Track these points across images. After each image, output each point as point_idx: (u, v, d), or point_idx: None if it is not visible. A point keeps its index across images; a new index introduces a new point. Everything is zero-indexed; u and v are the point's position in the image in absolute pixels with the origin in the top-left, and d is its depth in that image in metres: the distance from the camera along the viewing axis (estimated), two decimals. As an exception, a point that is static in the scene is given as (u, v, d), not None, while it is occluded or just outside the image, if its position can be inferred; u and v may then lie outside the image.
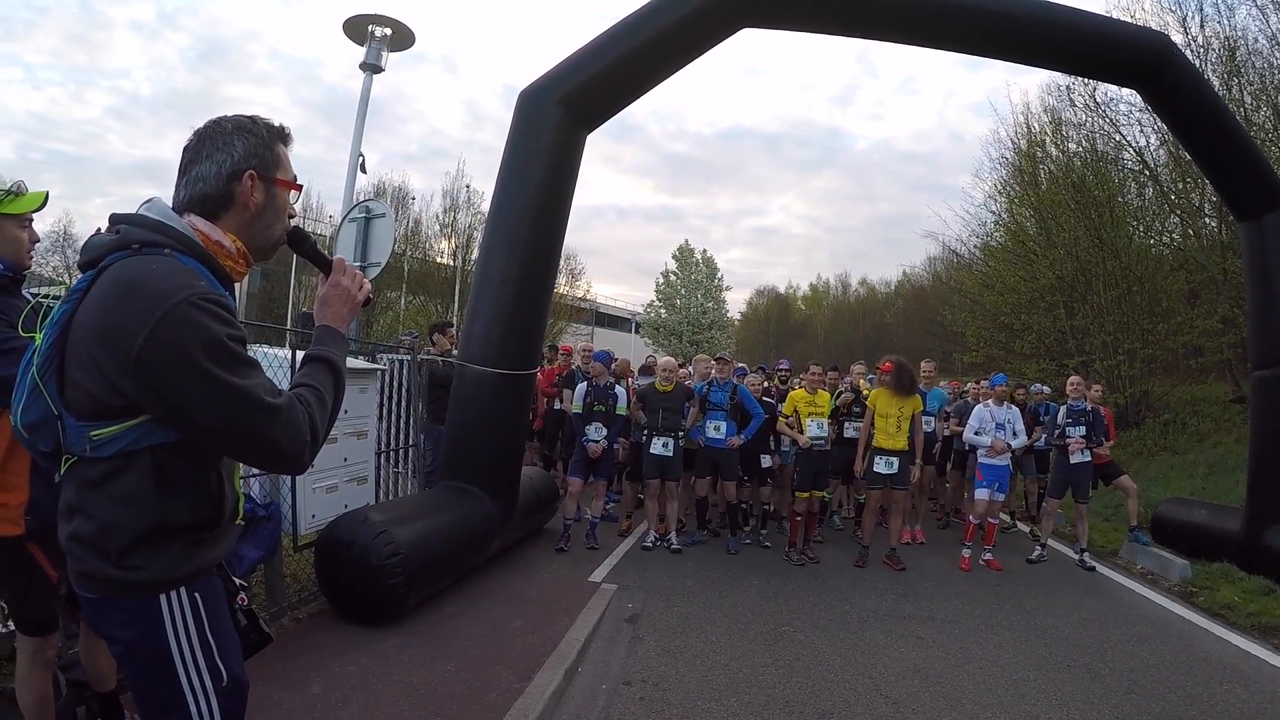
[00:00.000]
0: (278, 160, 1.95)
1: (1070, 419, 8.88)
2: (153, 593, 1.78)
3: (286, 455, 1.77)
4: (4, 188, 2.95)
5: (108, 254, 1.78)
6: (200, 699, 1.83)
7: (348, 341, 2.10)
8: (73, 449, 1.76)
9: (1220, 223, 17.30)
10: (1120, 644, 6.19)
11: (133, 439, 1.72)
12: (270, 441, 1.73)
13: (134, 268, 1.72)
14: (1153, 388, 18.34)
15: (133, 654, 1.83)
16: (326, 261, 2.09)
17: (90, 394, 1.71)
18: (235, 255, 1.90)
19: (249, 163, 1.88)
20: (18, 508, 2.83)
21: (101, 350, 1.67)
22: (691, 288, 49.69)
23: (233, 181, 1.87)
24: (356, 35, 14.34)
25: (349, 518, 5.62)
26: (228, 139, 1.88)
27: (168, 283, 1.68)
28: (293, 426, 1.75)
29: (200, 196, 1.87)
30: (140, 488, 1.74)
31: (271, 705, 4.05)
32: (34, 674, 3.04)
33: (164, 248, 1.77)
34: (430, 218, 34.45)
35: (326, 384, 1.93)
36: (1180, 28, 17.31)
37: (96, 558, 1.75)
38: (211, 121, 1.92)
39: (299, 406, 1.79)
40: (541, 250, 7.44)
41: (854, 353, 47.64)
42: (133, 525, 1.74)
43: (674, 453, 8.54)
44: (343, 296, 2.07)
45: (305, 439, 1.78)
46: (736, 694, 4.90)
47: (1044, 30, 7.63)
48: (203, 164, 1.87)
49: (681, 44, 7.40)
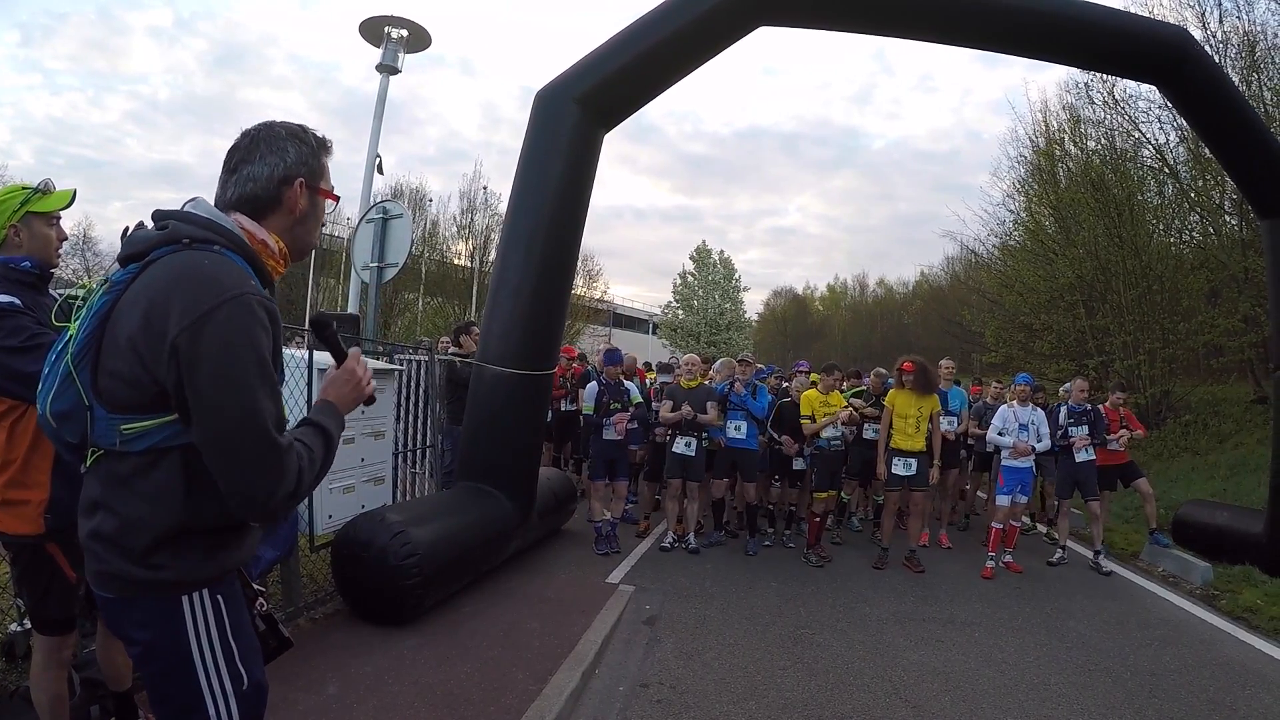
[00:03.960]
0: (323, 170, 2.03)
1: (1072, 419, 8.92)
2: (175, 593, 1.79)
3: (262, 492, 1.72)
4: (32, 186, 2.98)
5: (155, 248, 1.81)
6: (220, 701, 1.83)
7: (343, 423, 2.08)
8: (100, 442, 1.77)
9: (1241, 220, 17.12)
10: (1141, 647, 6.13)
11: (165, 436, 1.74)
12: (256, 471, 1.70)
13: (187, 260, 1.76)
14: (1173, 388, 18.15)
15: (153, 655, 1.83)
16: (343, 352, 2.12)
17: (125, 381, 1.73)
18: (277, 255, 1.96)
19: (299, 169, 1.95)
20: (38, 506, 2.83)
21: (144, 334, 1.70)
22: (709, 289, 49.70)
23: (283, 185, 1.93)
24: (373, 37, 14.41)
25: (366, 518, 5.63)
26: (281, 144, 1.94)
27: (224, 277, 1.72)
28: (284, 469, 1.72)
29: (250, 197, 1.91)
30: (169, 486, 1.75)
31: (288, 706, 4.05)
32: (49, 672, 3.05)
33: (214, 244, 1.81)
34: (448, 219, 34.68)
35: (319, 447, 1.90)
36: (1199, 23, 17.14)
37: (119, 556, 1.75)
38: (264, 124, 1.97)
39: (294, 455, 1.76)
40: (559, 250, 7.43)
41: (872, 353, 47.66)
42: (159, 523, 1.74)
43: (696, 453, 8.52)
44: (351, 381, 2.08)
45: (289, 487, 1.74)
46: (754, 697, 4.88)
47: (1062, 25, 7.56)
48: (255, 164, 1.91)
49: (698, 43, 7.37)
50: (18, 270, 2.89)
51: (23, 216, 2.92)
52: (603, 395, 8.66)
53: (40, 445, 2.81)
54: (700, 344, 45.27)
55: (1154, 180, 19.63)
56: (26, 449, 2.82)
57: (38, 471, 2.84)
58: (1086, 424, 8.86)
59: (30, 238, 2.95)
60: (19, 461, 2.82)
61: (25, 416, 2.79)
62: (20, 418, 2.80)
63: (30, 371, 2.45)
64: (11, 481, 2.82)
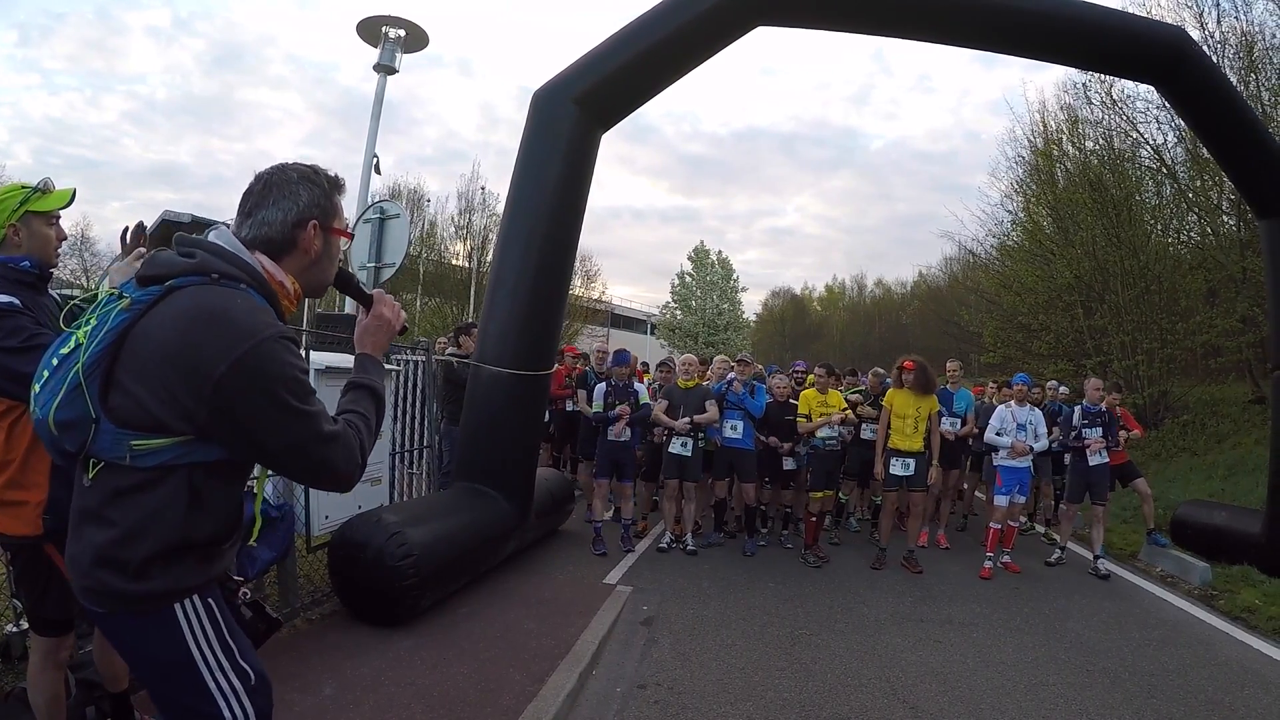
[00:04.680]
0: (335, 210, 2.07)
1: (1086, 420, 8.76)
2: (166, 603, 1.81)
3: (340, 477, 1.90)
4: (32, 185, 2.97)
5: (180, 276, 1.84)
6: (233, 701, 1.87)
7: (384, 368, 2.25)
8: (104, 454, 1.78)
9: (1239, 220, 17.14)
10: (1140, 648, 6.12)
11: (174, 455, 1.77)
12: (330, 465, 1.86)
13: (217, 298, 1.80)
14: (1171, 388, 18.17)
15: (156, 669, 1.86)
16: (368, 297, 2.24)
17: (147, 409, 1.74)
18: (292, 295, 2.01)
19: (312, 212, 1.99)
20: (37, 507, 2.83)
21: (175, 372, 1.73)
22: (707, 289, 49.69)
23: (297, 228, 1.98)
24: (370, 37, 14.39)
25: (363, 519, 5.62)
26: (293, 188, 1.98)
27: (252, 319, 1.78)
28: (347, 450, 1.89)
29: (265, 239, 1.96)
30: (173, 502, 1.78)
31: (284, 707, 4.04)
32: (47, 673, 3.04)
33: (240, 282, 1.86)
34: (445, 220, 34.73)
35: (370, 410, 2.08)
36: (1197, 23, 17.16)
37: (111, 571, 1.76)
38: (276, 168, 2.02)
39: (351, 433, 1.93)
40: (556, 250, 7.43)
41: (870, 354, 47.69)
42: (158, 537, 1.77)
43: (693, 453, 8.51)
44: (384, 328, 2.22)
45: (357, 461, 1.92)
46: (752, 698, 4.87)
47: (1060, 25, 7.57)
48: (269, 209, 1.96)
49: (696, 42, 7.38)
50: (17, 270, 2.87)
51: (22, 216, 2.91)
52: (610, 395, 8.67)
53: (39, 446, 2.80)
54: (698, 344, 45.27)
55: (1152, 180, 19.65)
56: (25, 449, 2.81)
57: (36, 472, 2.83)
58: (1101, 425, 8.70)
59: (29, 237, 2.94)
60: (17, 462, 2.81)
61: (24, 417, 2.78)
62: (19, 418, 2.79)
63: (29, 372, 2.43)
64: (10, 482, 2.81)
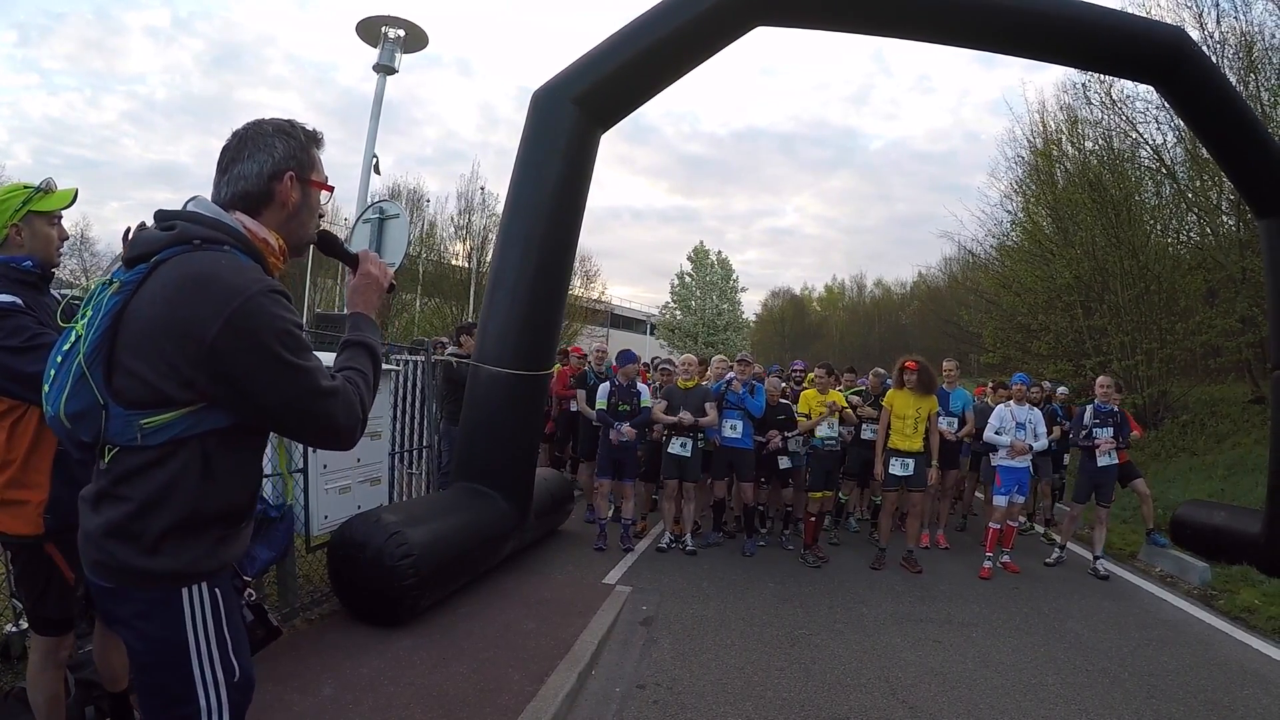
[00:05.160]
0: (313, 162, 2.05)
1: (1098, 420, 8.65)
2: (175, 585, 1.81)
3: (341, 432, 1.90)
4: (34, 186, 2.98)
5: (163, 249, 1.83)
6: (211, 692, 1.87)
7: (378, 326, 2.25)
8: (117, 439, 1.79)
9: (1239, 220, 17.10)
10: (1139, 648, 6.13)
11: (185, 426, 1.78)
12: (330, 419, 1.87)
13: (201, 262, 1.79)
14: (1171, 388, 18.13)
15: (147, 644, 1.85)
16: (353, 257, 2.27)
17: (149, 384, 1.75)
18: (277, 251, 2.00)
19: (288, 164, 1.98)
20: (38, 506, 2.83)
21: (171, 342, 1.73)
22: (706, 289, 49.72)
23: (273, 180, 1.96)
24: (370, 37, 14.40)
25: (362, 519, 5.61)
26: (268, 140, 1.97)
27: (239, 276, 1.77)
28: (347, 405, 1.90)
29: (242, 194, 1.95)
30: (186, 473, 1.79)
31: (283, 707, 4.04)
32: (46, 673, 3.04)
33: (223, 244, 1.85)
34: (445, 220, 34.66)
35: (367, 365, 2.08)
36: (1196, 23, 17.10)
37: (126, 545, 1.78)
38: (251, 124, 2.01)
39: (350, 388, 1.94)
40: (556, 250, 7.42)
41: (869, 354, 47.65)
42: (172, 510, 1.78)
43: (692, 453, 8.50)
44: (372, 285, 2.24)
45: (358, 416, 1.94)
46: (751, 698, 4.87)
47: (1059, 25, 7.58)
48: (244, 163, 1.95)
49: (696, 43, 7.38)
50: (19, 270, 2.89)
51: (24, 216, 2.92)
52: (613, 396, 8.66)
53: (40, 445, 2.81)
54: (698, 344, 45.29)
55: (1151, 180, 19.61)
56: (26, 449, 2.81)
57: (37, 472, 2.83)
58: (1113, 426, 8.61)
59: (31, 237, 2.95)
60: (19, 462, 2.81)
61: (25, 417, 2.79)
62: (20, 418, 2.80)
63: (31, 372, 2.44)
64: (11, 481, 2.81)
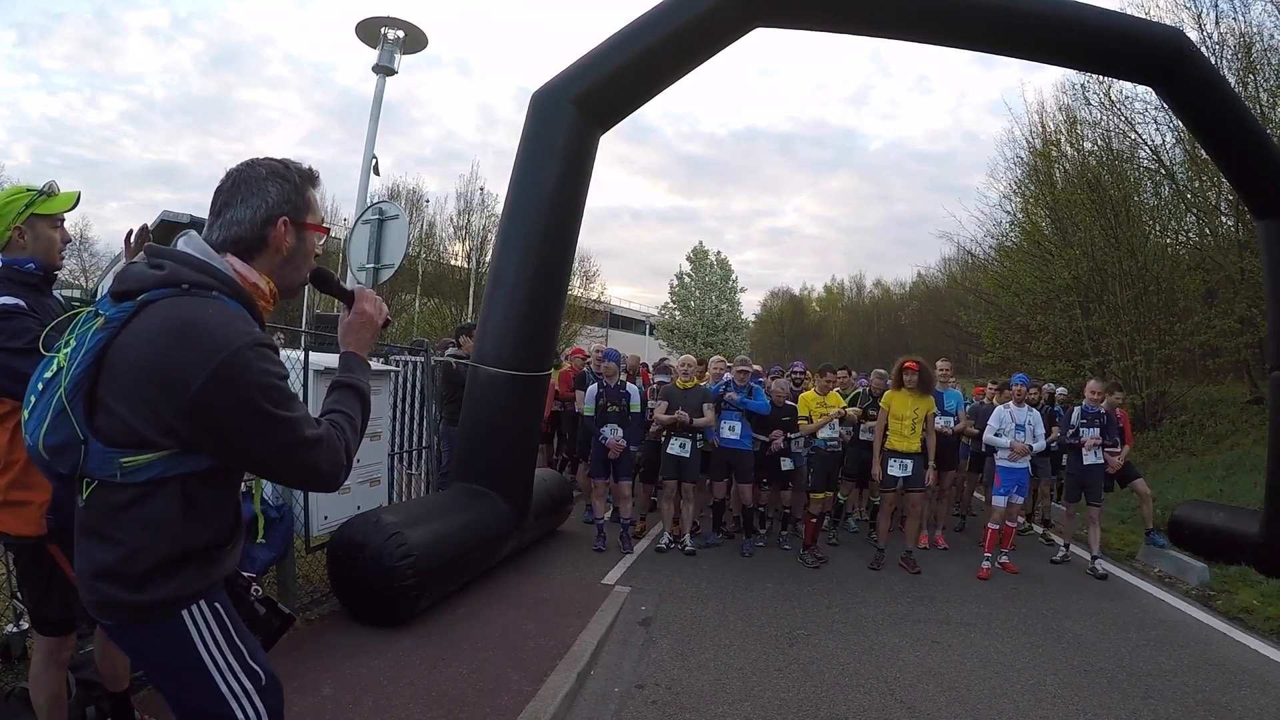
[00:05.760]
0: (308, 205, 2.02)
1: (1084, 420, 8.84)
2: (174, 610, 1.82)
3: (325, 478, 1.89)
4: (37, 188, 3.00)
5: (151, 289, 1.81)
6: (245, 703, 1.89)
7: (369, 366, 2.23)
8: (96, 473, 1.78)
9: (1237, 221, 17.14)
10: (1137, 648, 6.13)
11: (164, 468, 1.77)
12: (314, 468, 1.85)
13: (188, 310, 1.77)
14: (1170, 388, 18.15)
15: (168, 674, 1.88)
16: (349, 294, 2.22)
17: (131, 427, 1.74)
18: (267, 296, 1.98)
19: (282, 209, 1.95)
20: (40, 507, 2.85)
21: (155, 388, 1.72)
22: (706, 289, 49.73)
23: (267, 226, 1.93)
24: (369, 38, 14.37)
25: (362, 519, 5.63)
26: (262, 185, 1.94)
27: (225, 329, 1.74)
28: (331, 453, 1.87)
29: (235, 239, 1.92)
30: (168, 514, 1.79)
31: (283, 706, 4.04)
32: (48, 673, 3.05)
33: (212, 290, 1.83)
34: (444, 220, 34.78)
35: (355, 409, 2.06)
36: (1195, 24, 17.15)
37: (117, 586, 1.78)
38: (245, 164, 1.98)
39: (335, 434, 1.91)
40: (555, 250, 7.43)
41: (869, 354, 47.68)
42: (160, 550, 1.78)
43: (691, 454, 8.49)
44: (367, 324, 2.19)
45: (342, 463, 1.91)
46: (750, 698, 4.88)
47: (1058, 27, 7.58)
48: (238, 208, 1.92)
49: (695, 44, 7.39)
50: (22, 271, 2.92)
51: (27, 219, 2.95)
52: (600, 397, 8.66)
53: None
54: (697, 345, 45.29)
55: (1150, 181, 19.62)
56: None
57: (38, 474, 2.84)
58: (1099, 426, 8.77)
59: (34, 239, 2.98)
60: (22, 463, 2.82)
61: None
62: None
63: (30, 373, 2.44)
64: (14, 482, 2.83)
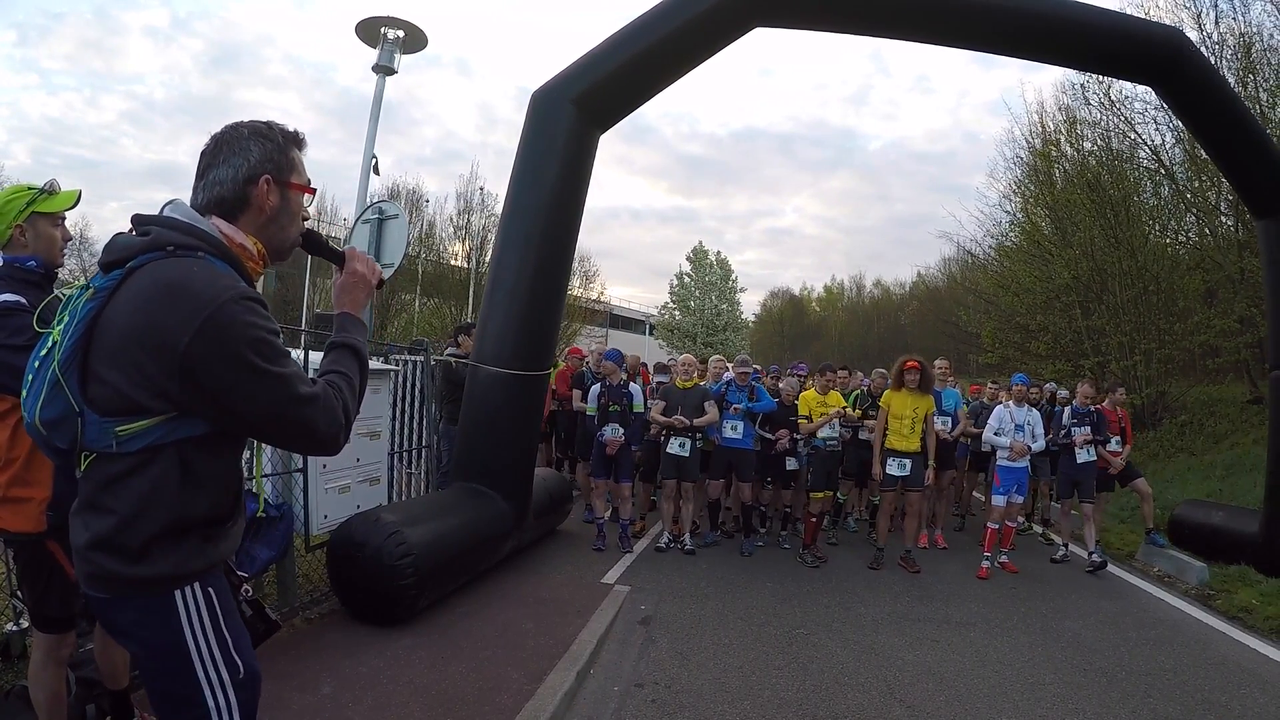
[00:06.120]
0: (292, 165, 2.01)
1: (1075, 419, 8.98)
2: (168, 589, 1.80)
3: (324, 439, 1.88)
4: (39, 187, 3.02)
5: (138, 255, 1.81)
6: (218, 692, 1.86)
7: (365, 325, 2.19)
8: (93, 445, 1.77)
9: (1237, 221, 17.16)
10: (1137, 647, 6.14)
11: (160, 434, 1.76)
12: (310, 426, 1.83)
13: (174, 270, 1.77)
14: (1170, 388, 18.16)
15: (148, 651, 1.85)
16: (340, 255, 2.21)
17: (123, 393, 1.73)
18: (256, 257, 1.96)
19: (265, 167, 1.94)
20: (40, 504, 2.86)
21: (143, 351, 1.71)
22: (706, 289, 49.74)
23: (249, 185, 1.92)
24: (369, 38, 14.37)
25: (361, 518, 5.62)
26: (244, 144, 1.93)
27: (211, 285, 1.74)
28: (329, 412, 1.86)
29: (218, 199, 1.92)
30: (165, 481, 1.77)
31: (282, 705, 4.05)
32: (48, 671, 3.06)
33: (197, 250, 1.82)
34: (444, 220, 34.73)
35: (353, 368, 2.04)
36: (1195, 24, 17.17)
37: (114, 557, 1.76)
38: (228, 127, 1.97)
39: (332, 393, 1.90)
40: (555, 250, 7.43)
41: (869, 354, 47.69)
42: (156, 519, 1.76)
43: (690, 453, 8.49)
44: (360, 283, 2.17)
45: (340, 422, 1.90)
46: (749, 697, 4.88)
47: (1057, 26, 7.57)
48: (220, 168, 1.92)
49: (694, 43, 7.38)
50: (23, 269, 2.94)
51: (28, 217, 2.96)
52: (603, 397, 8.65)
53: None
54: (697, 345, 45.30)
55: (1150, 181, 19.63)
56: (29, 447, 2.82)
57: (40, 469, 2.85)
58: (1090, 424, 8.92)
59: (35, 237, 3.00)
60: (22, 459, 2.84)
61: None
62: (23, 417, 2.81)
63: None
64: (14, 479, 2.84)
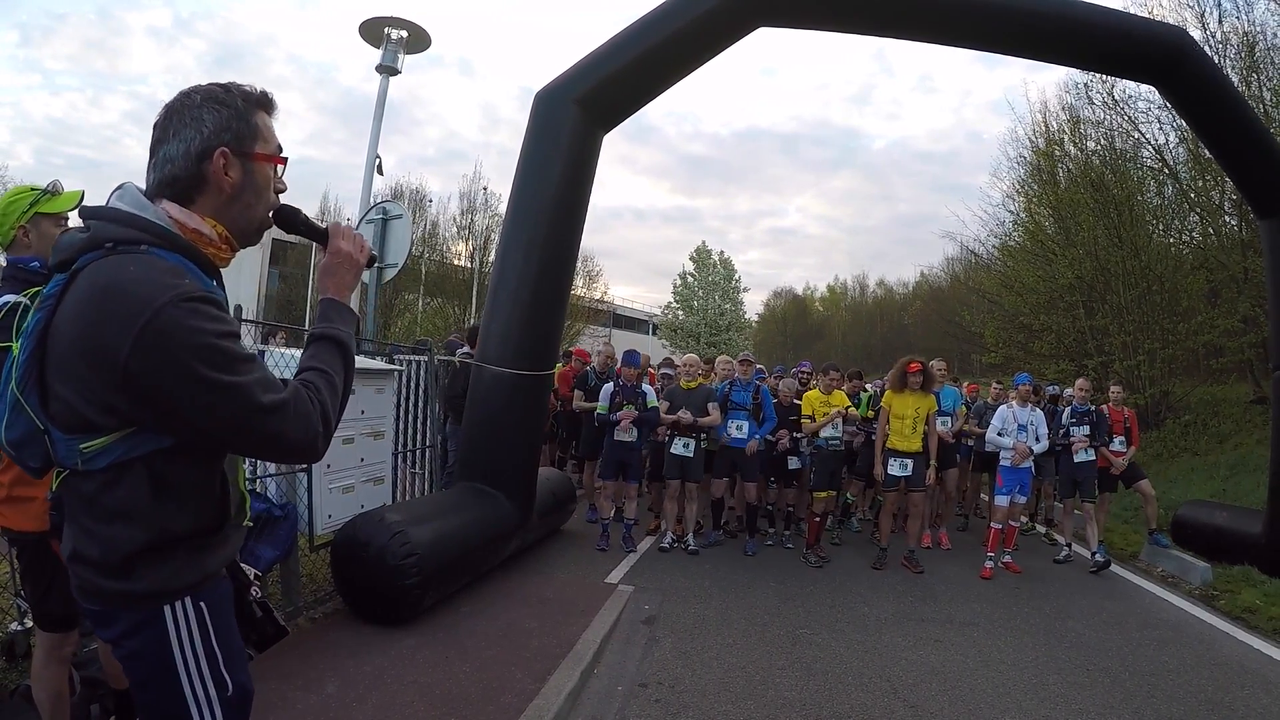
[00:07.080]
0: (255, 132, 1.77)
1: (1074, 419, 9.00)
2: (156, 604, 1.69)
3: (297, 448, 1.68)
4: (42, 188, 3.02)
5: (80, 254, 1.63)
6: (204, 709, 1.75)
7: (354, 313, 1.97)
8: (64, 463, 1.65)
9: (1241, 221, 17.12)
10: (1140, 648, 6.13)
11: (124, 450, 1.61)
12: (278, 437, 1.62)
13: (108, 271, 1.57)
14: (1173, 388, 18.16)
15: (136, 664, 1.76)
16: (321, 231, 1.95)
17: (75, 409, 1.59)
18: (217, 242, 1.75)
19: (220, 138, 1.70)
20: (44, 503, 2.85)
21: (86, 365, 1.55)
22: (709, 289, 49.67)
23: (203, 161, 1.69)
24: (372, 38, 14.38)
25: (365, 518, 5.63)
26: (196, 113, 1.70)
27: (147, 286, 1.52)
28: (300, 419, 1.64)
29: (170, 180, 1.69)
30: (136, 499, 1.63)
31: (286, 705, 4.06)
32: (50, 669, 3.06)
33: (139, 244, 1.61)
34: (447, 220, 34.67)
35: (334, 364, 1.81)
36: (1198, 23, 17.12)
37: (98, 574, 1.67)
38: (181, 94, 1.73)
39: (306, 395, 1.68)
40: (558, 250, 7.44)
41: (872, 354, 47.69)
42: (133, 538, 1.64)
43: (694, 453, 8.50)
44: (345, 263, 1.92)
45: (316, 428, 1.68)
46: (753, 696, 4.88)
47: (1061, 26, 7.56)
48: (171, 143, 1.69)
49: (698, 43, 7.38)
50: (26, 270, 2.92)
51: (32, 217, 2.97)
52: (616, 396, 8.66)
53: None
54: (700, 345, 45.22)
55: (1153, 181, 19.63)
56: None
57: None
58: (1088, 425, 8.91)
59: (39, 238, 3.00)
60: None
61: None
62: None
63: None
64: (19, 478, 2.83)
